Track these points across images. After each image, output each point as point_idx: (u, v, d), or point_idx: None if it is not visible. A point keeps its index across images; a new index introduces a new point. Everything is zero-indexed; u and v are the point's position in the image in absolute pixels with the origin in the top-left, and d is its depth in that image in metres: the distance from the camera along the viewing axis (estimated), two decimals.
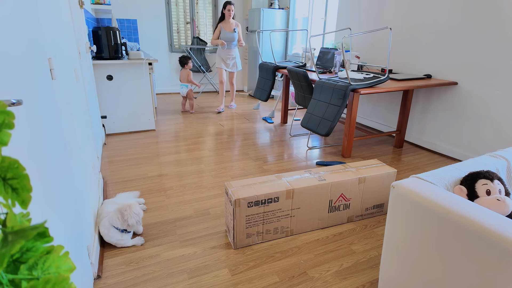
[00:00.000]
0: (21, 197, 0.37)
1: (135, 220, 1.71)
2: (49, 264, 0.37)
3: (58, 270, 0.37)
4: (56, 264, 0.38)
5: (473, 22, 2.85)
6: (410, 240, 1.17)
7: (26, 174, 0.38)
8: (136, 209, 1.73)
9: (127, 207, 1.72)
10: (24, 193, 0.37)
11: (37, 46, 1.04)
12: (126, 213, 1.70)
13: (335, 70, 3.58)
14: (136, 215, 1.72)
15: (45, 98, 1.04)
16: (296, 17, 5.66)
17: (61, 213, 1.04)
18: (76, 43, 2.07)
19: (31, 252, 0.37)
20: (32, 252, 0.37)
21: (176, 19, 5.78)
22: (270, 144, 3.46)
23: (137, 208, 1.75)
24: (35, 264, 0.36)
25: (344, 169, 2.06)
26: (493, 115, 2.81)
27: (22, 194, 0.37)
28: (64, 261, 0.38)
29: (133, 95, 3.57)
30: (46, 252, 0.38)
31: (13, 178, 0.37)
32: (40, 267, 0.36)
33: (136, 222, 1.72)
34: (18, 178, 0.37)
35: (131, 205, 1.73)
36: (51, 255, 0.38)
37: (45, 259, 0.37)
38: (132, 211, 1.71)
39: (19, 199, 0.37)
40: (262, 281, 1.55)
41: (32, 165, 0.81)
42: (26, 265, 0.36)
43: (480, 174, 1.26)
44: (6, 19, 0.76)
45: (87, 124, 2.08)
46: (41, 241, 0.37)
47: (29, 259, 0.36)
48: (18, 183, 0.37)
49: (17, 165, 0.37)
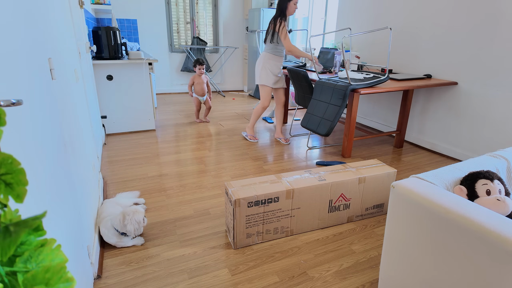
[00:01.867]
0: (16, 191, 0.37)
1: (134, 227, 1.70)
2: (42, 257, 0.38)
3: (52, 263, 0.38)
4: (50, 257, 0.38)
5: (473, 22, 2.85)
6: (410, 240, 1.17)
7: (21, 169, 0.38)
8: (139, 218, 1.72)
9: (131, 212, 1.71)
10: (19, 188, 0.38)
11: (37, 46, 1.04)
12: (128, 218, 1.69)
13: (335, 70, 3.58)
14: (136, 223, 1.70)
15: (45, 98, 1.04)
16: (296, 17, 5.66)
17: (61, 213, 1.04)
18: (76, 43, 2.07)
19: (25, 246, 0.37)
20: (26, 245, 0.37)
21: (176, 19, 5.78)
22: (270, 144, 3.46)
23: (140, 217, 1.73)
24: (30, 257, 0.37)
25: (344, 169, 2.06)
26: (493, 115, 2.81)
27: (17, 189, 0.37)
28: (57, 254, 0.39)
29: (133, 95, 3.57)
30: (40, 245, 0.38)
31: (6, 173, 0.37)
32: (34, 260, 0.37)
33: (135, 230, 1.70)
34: (12, 173, 0.37)
35: (136, 212, 1.72)
36: (44, 248, 0.38)
37: (39, 252, 0.38)
38: (133, 218, 1.70)
39: (13, 194, 0.37)
40: (262, 281, 1.55)
41: (32, 165, 0.81)
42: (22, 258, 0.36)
43: (480, 174, 1.26)
44: (6, 19, 0.76)
45: (87, 124, 2.08)
46: (35, 235, 0.38)
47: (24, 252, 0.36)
48: (12, 178, 0.37)
49: (10, 160, 0.37)
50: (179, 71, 6.05)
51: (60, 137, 1.18)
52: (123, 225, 1.69)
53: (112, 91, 3.45)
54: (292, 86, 4.54)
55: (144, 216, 1.76)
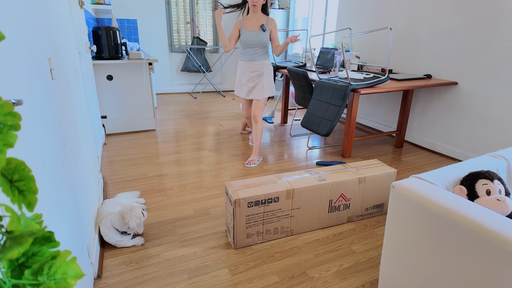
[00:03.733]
0: (28, 199, 0.37)
1: (136, 223, 1.71)
2: (55, 270, 0.36)
3: (65, 276, 0.36)
4: (63, 270, 0.37)
5: (473, 22, 2.85)
6: (410, 240, 1.17)
7: (32, 176, 0.37)
8: (137, 212, 1.73)
9: (128, 210, 1.72)
10: (30, 195, 0.37)
11: (37, 46, 1.04)
12: (127, 216, 1.70)
13: (335, 70, 3.59)
14: (137, 218, 1.71)
15: (45, 98, 1.04)
16: (296, 17, 5.66)
17: (61, 213, 1.04)
18: (76, 43, 2.07)
19: (37, 257, 0.36)
20: (38, 256, 0.36)
21: (176, 19, 5.78)
22: (270, 144, 3.45)
23: (139, 211, 1.74)
24: (41, 269, 0.36)
25: (344, 169, 2.05)
26: (493, 115, 2.81)
27: (28, 197, 0.37)
28: (71, 266, 0.37)
29: (133, 95, 3.57)
30: (51, 257, 0.37)
31: (19, 180, 0.36)
32: (46, 272, 0.36)
33: (137, 225, 1.72)
34: (25, 180, 0.37)
35: (132, 208, 1.73)
36: (57, 260, 0.37)
37: (50, 264, 0.36)
38: (133, 214, 1.71)
39: (25, 202, 0.37)
40: (262, 281, 1.55)
41: (32, 165, 0.81)
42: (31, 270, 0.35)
43: (480, 174, 1.26)
44: (6, 19, 0.76)
45: (87, 124, 2.08)
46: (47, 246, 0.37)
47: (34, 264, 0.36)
48: (24, 185, 0.36)
49: (23, 166, 0.37)
50: (179, 71, 6.05)
51: (60, 137, 1.18)
52: (123, 224, 1.70)
53: (112, 91, 3.45)
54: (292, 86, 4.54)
55: (142, 210, 1.76)
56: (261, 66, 2.72)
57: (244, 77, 2.78)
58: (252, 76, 2.76)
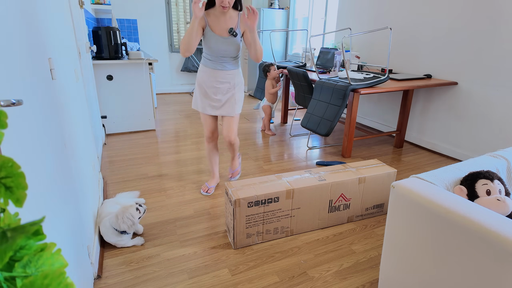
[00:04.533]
0: (16, 195, 0.37)
1: (127, 224, 1.69)
2: (42, 262, 0.37)
3: (51, 267, 0.37)
4: (49, 262, 0.38)
5: (473, 22, 2.85)
6: (410, 240, 1.17)
7: (21, 172, 0.38)
8: (130, 213, 1.71)
9: (121, 212, 1.71)
10: (19, 191, 0.37)
11: (37, 46, 1.04)
12: (120, 217, 1.69)
13: (335, 70, 3.58)
14: (128, 219, 1.70)
15: (45, 98, 1.04)
16: (296, 17, 5.66)
17: (61, 213, 1.04)
18: (76, 43, 2.07)
19: (25, 250, 0.37)
20: (25, 250, 0.37)
21: (176, 19, 5.78)
22: (270, 144, 3.45)
23: (132, 211, 1.73)
24: (29, 262, 0.36)
25: (344, 169, 2.05)
26: (493, 115, 2.81)
27: (16, 193, 0.37)
28: (57, 258, 0.39)
29: (133, 95, 3.57)
30: (39, 249, 0.38)
31: (6, 176, 0.37)
32: (34, 264, 0.37)
33: (128, 226, 1.70)
34: (13, 176, 0.37)
35: (126, 209, 1.72)
36: (44, 252, 0.38)
37: (38, 257, 0.37)
38: (125, 216, 1.69)
39: (13, 198, 0.37)
40: (262, 281, 1.55)
41: (32, 165, 0.81)
42: (21, 263, 0.36)
43: (480, 174, 1.26)
44: (6, 19, 0.76)
45: (87, 124, 2.08)
46: (35, 239, 0.37)
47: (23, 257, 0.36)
48: (12, 182, 0.37)
49: (11, 163, 0.37)
50: (179, 71, 6.05)
51: (60, 137, 1.18)
52: (118, 225, 1.70)
53: (112, 91, 3.45)
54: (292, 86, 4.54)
55: (137, 206, 1.75)
56: (232, 76, 2.15)
57: (209, 88, 2.15)
58: (221, 88, 2.15)
